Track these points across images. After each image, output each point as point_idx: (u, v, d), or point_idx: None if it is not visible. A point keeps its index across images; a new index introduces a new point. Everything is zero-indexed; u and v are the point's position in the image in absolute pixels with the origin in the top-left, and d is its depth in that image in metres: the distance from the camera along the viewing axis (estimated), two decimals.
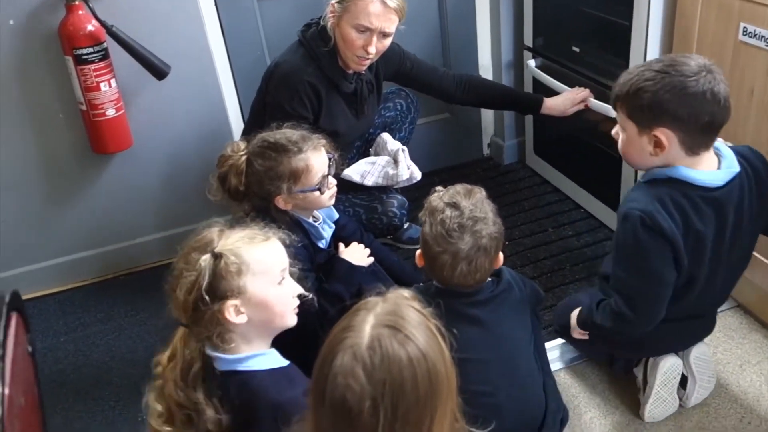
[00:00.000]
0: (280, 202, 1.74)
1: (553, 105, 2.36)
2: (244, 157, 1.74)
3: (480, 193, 1.52)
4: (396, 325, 0.97)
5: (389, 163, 2.31)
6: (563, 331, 1.86)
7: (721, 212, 1.45)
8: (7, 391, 1.10)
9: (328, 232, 1.86)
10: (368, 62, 2.10)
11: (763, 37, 1.66)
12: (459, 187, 1.53)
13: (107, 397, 2.06)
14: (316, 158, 1.74)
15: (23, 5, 2.12)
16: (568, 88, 2.39)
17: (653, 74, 1.37)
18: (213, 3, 2.39)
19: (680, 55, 1.40)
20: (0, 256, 2.44)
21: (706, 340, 1.80)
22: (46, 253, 2.50)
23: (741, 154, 1.50)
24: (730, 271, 1.58)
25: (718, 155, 1.46)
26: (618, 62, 2.15)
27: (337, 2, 2.00)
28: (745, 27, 1.70)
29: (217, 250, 1.27)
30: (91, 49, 2.12)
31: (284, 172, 1.70)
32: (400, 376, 0.92)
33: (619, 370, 1.86)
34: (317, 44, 2.07)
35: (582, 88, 2.33)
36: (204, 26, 2.34)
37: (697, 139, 1.40)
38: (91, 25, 2.11)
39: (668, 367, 1.71)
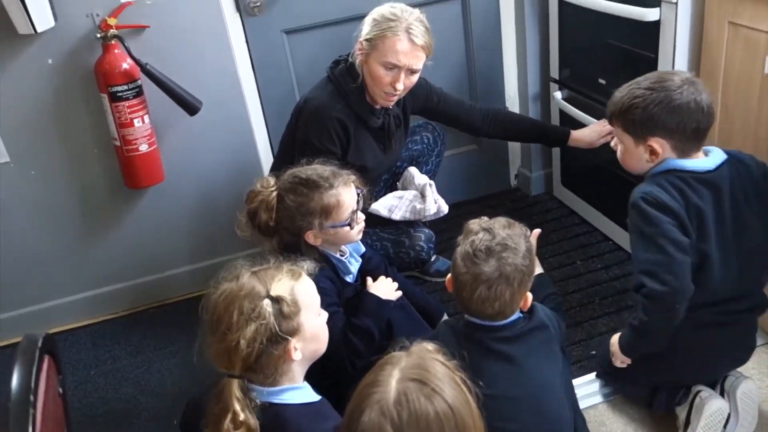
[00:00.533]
0: (311, 238, 1.76)
1: (580, 137, 2.37)
2: (274, 193, 1.76)
3: (521, 229, 1.54)
4: (422, 378, 0.97)
5: (416, 198, 2.32)
6: (607, 371, 1.87)
7: (716, 191, 1.58)
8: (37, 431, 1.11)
9: (355, 266, 1.87)
10: (396, 98, 2.13)
11: None
12: (502, 219, 1.55)
13: (136, 431, 2.07)
14: (347, 194, 1.76)
15: (62, 45, 2.18)
16: (595, 120, 2.39)
17: (642, 92, 1.56)
18: (243, 39, 2.44)
19: (665, 72, 1.62)
20: (33, 289, 2.49)
21: (754, 375, 1.77)
22: (78, 286, 2.55)
23: (730, 153, 1.64)
24: (745, 260, 1.62)
25: (706, 152, 1.62)
26: None
27: (366, 40, 2.04)
28: None
29: (273, 294, 1.29)
30: (125, 87, 2.17)
31: (316, 207, 1.72)
32: (428, 427, 0.93)
33: (659, 408, 1.81)
34: (346, 81, 2.11)
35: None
36: (235, 62, 2.39)
37: (687, 144, 1.58)
38: (126, 64, 2.17)
39: (715, 409, 1.67)
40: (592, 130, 2.36)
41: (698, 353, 1.69)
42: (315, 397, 1.36)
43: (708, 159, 1.60)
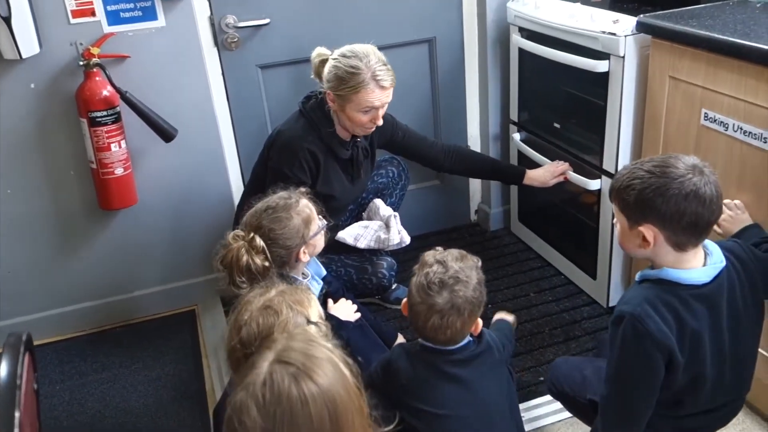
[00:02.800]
0: (301, 255, 1.82)
1: (534, 176, 2.52)
2: (256, 237, 1.75)
3: (472, 260, 1.63)
4: (292, 361, 1.00)
5: (381, 228, 2.44)
6: (560, 397, 1.89)
7: (713, 307, 1.47)
8: (19, 415, 1.20)
9: (316, 288, 1.95)
10: (374, 128, 2.25)
11: (722, 122, 1.82)
12: (455, 251, 1.63)
13: None
14: (309, 202, 1.86)
15: (45, 71, 2.27)
16: (549, 161, 2.55)
17: (642, 173, 1.43)
18: (220, 71, 2.56)
19: (673, 156, 1.45)
20: (3, 303, 2.53)
21: None
22: (48, 302, 2.60)
23: (727, 248, 1.54)
24: (739, 365, 1.56)
25: (705, 251, 1.49)
26: (594, 138, 2.31)
27: (338, 95, 2.14)
28: (706, 113, 1.86)
29: (312, 319, 1.37)
30: (105, 113, 2.26)
31: (299, 223, 1.80)
32: (291, 409, 0.95)
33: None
34: (317, 115, 2.23)
35: (562, 162, 2.49)
36: (210, 93, 2.50)
37: (683, 237, 1.43)
38: (107, 91, 2.26)
39: None
40: (546, 170, 2.51)
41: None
42: None
43: (706, 268, 1.47)
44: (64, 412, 2.26)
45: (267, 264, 1.73)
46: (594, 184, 2.35)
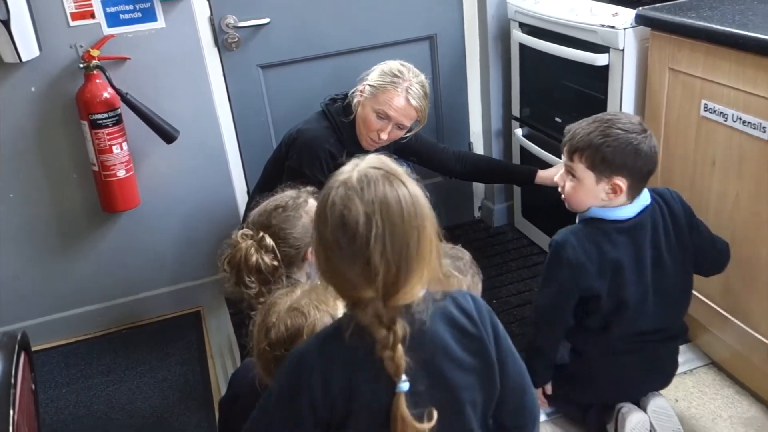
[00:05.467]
0: (310, 255, 1.78)
1: (546, 176, 2.50)
2: (266, 236, 1.73)
3: (461, 252, 1.64)
4: (381, 166, 1.09)
5: None
6: (548, 392, 1.98)
7: (634, 238, 1.70)
8: (15, 416, 1.20)
9: None
10: (378, 145, 2.25)
11: (721, 113, 1.81)
12: (446, 246, 1.62)
13: None
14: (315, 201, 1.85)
15: (45, 74, 2.28)
16: (550, 155, 2.54)
17: (615, 131, 1.63)
18: (221, 72, 2.56)
19: (620, 114, 1.74)
20: (8, 308, 2.54)
21: (668, 393, 1.92)
22: (53, 306, 2.60)
23: (657, 192, 1.76)
24: (663, 296, 1.75)
25: None
26: None
27: (369, 85, 2.20)
28: (705, 104, 1.86)
29: (333, 314, 1.36)
30: (106, 115, 2.27)
31: (308, 222, 1.77)
32: (385, 196, 1.05)
33: (591, 426, 1.93)
34: (340, 117, 2.25)
35: None
36: (212, 94, 2.51)
37: (639, 185, 1.68)
38: (107, 93, 2.27)
39: (636, 422, 1.80)
40: (553, 170, 2.49)
41: (616, 377, 1.83)
42: None
43: (630, 206, 1.70)
44: (70, 415, 2.27)
45: (276, 263, 1.71)
46: None
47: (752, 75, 1.70)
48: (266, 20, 2.54)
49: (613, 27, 2.08)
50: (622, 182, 1.64)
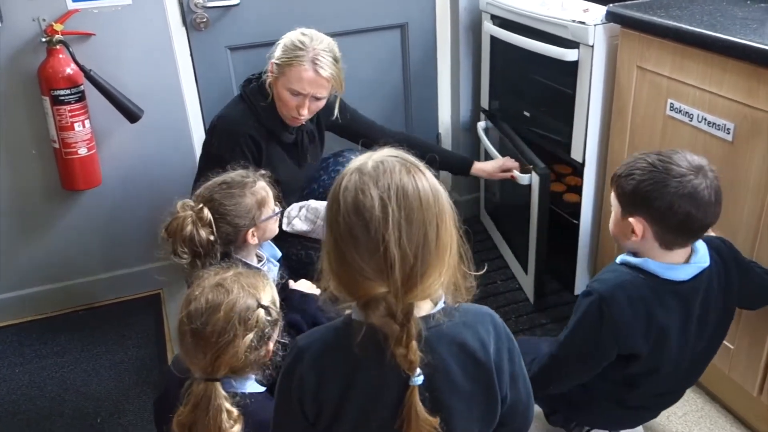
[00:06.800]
0: (250, 237, 1.78)
1: (481, 167, 2.52)
2: (205, 209, 1.72)
3: None
4: (402, 158, 1.06)
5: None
6: None
7: (686, 305, 1.47)
8: None
9: (274, 271, 1.92)
10: (301, 122, 2.19)
11: (687, 112, 1.83)
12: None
13: (58, 428, 2.09)
14: (266, 185, 1.82)
15: (5, 46, 2.22)
16: (495, 152, 2.58)
17: (645, 165, 1.43)
18: (188, 52, 2.52)
19: (680, 152, 1.43)
20: None
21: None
22: (7, 284, 2.55)
23: (713, 246, 1.52)
24: (695, 361, 1.59)
25: (691, 248, 1.48)
26: (563, 127, 2.31)
27: (276, 64, 2.09)
28: (672, 103, 1.88)
29: (263, 303, 1.37)
30: (68, 91, 2.22)
31: (252, 203, 1.76)
32: (402, 182, 1.01)
33: (557, 423, 1.92)
34: (257, 99, 2.16)
35: (511, 160, 2.50)
36: (178, 74, 2.46)
37: (670, 236, 1.43)
38: (70, 69, 2.22)
39: None
40: (494, 163, 2.53)
41: (617, 420, 1.72)
42: (261, 387, 1.46)
43: (688, 267, 1.47)
44: (23, 395, 2.22)
45: (212, 238, 1.70)
46: (525, 179, 2.37)
47: (718, 76, 1.72)
48: (236, 1, 2.50)
49: (583, 23, 2.09)
50: (638, 224, 1.43)
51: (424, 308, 1.08)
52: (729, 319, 1.59)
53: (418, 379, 1.04)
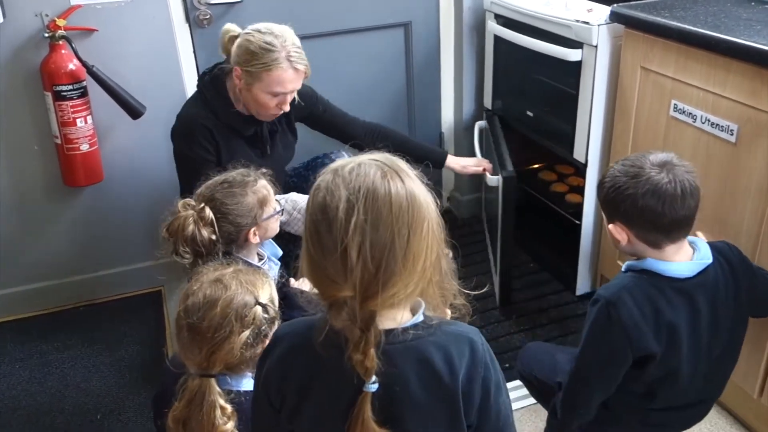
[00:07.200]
0: (251, 236, 1.78)
1: (453, 163, 2.53)
2: (207, 208, 1.71)
3: None
4: (382, 159, 1.03)
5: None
6: (528, 380, 1.85)
7: (692, 301, 1.45)
8: None
9: (274, 269, 1.91)
10: (279, 114, 2.14)
11: (690, 113, 1.82)
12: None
13: (58, 424, 2.09)
14: (268, 183, 1.82)
15: (8, 41, 2.22)
16: (479, 157, 2.61)
17: (613, 171, 1.44)
18: (191, 48, 2.51)
19: (646, 154, 1.43)
20: None
21: None
22: (9, 280, 2.55)
23: (717, 249, 1.51)
24: (714, 365, 1.55)
25: (693, 247, 1.48)
26: (566, 128, 2.31)
27: (247, 71, 2.00)
28: (675, 104, 1.87)
29: (261, 300, 1.37)
30: (70, 87, 2.22)
31: (253, 201, 1.76)
32: (373, 186, 0.97)
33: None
34: (210, 92, 2.11)
35: (486, 161, 2.53)
36: (181, 70, 2.46)
37: (651, 235, 1.42)
38: (73, 64, 2.22)
39: None
40: (468, 160, 2.55)
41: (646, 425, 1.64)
42: None
43: (690, 263, 1.45)
44: (23, 391, 2.23)
45: (214, 238, 1.69)
46: (493, 180, 2.36)
47: (722, 77, 1.71)
48: None
49: (587, 23, 2.08)
50: (618, 229, 1.45)
51: (396, 318, 1.05)
52: (743, 327, 1.56)
53: (373, 386, 1.01)
